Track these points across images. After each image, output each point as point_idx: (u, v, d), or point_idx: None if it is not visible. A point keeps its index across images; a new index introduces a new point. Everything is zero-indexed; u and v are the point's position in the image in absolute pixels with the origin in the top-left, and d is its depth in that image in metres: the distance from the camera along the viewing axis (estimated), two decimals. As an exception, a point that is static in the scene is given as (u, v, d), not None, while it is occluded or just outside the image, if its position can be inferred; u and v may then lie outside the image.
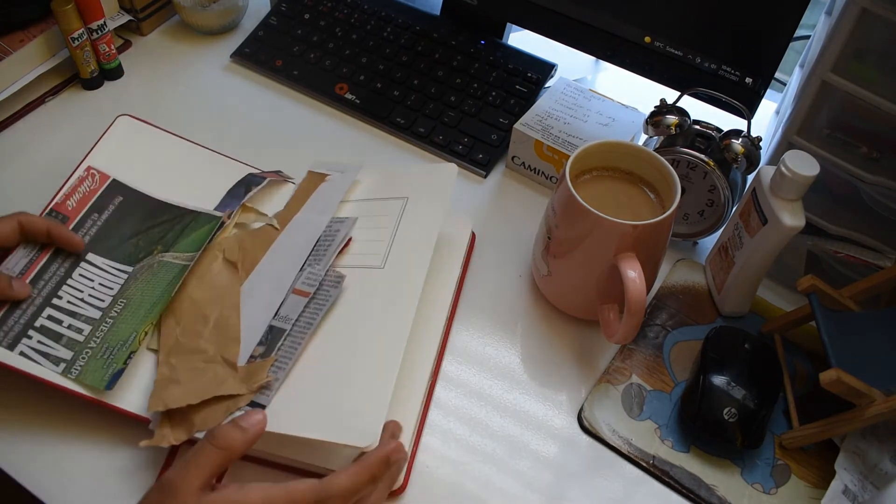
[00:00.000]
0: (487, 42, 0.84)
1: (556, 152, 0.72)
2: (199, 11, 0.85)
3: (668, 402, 0.60)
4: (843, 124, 0.59)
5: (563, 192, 0.58)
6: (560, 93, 0.77)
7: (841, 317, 0.58)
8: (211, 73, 0.83)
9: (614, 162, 0.62)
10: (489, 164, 0.76)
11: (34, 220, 0.58)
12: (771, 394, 0.58)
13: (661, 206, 0.60)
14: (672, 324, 0.65)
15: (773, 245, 0.59)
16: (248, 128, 0.78)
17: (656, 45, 0.72)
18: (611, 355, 0.63)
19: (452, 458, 0.57)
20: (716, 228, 0.68)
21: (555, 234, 0.60)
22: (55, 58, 0.78)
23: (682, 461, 0.57)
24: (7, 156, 0.74)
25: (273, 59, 0.83)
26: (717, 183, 0.65)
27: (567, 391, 0.61)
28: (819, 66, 0.56)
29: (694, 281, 0.69)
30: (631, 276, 0.54)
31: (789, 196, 0.58)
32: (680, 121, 0.65)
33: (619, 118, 0.75)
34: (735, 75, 0.70)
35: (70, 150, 0.72)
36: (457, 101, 0.79)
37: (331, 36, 0.85)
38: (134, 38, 0.86)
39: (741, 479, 0.57)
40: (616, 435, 0.58)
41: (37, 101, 0.78)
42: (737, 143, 0.63)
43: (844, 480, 0.55)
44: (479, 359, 0.63)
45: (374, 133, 0.79)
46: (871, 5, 0.52)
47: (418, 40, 0.84)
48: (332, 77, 0.82)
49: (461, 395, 0.60)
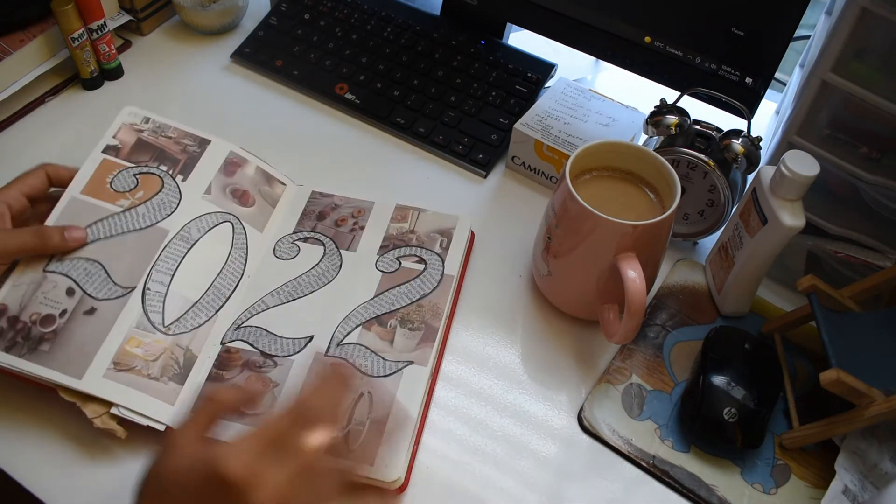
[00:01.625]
0: (487, 42, 0.84)
1: (556, 152, 0.72)
2: (199, 11, 0.85)
3: (668, 402, 0.60)
4: (843, 124, 0.59)
5: (563, 192, 0.58)
6: (560, 93, 0.77)
7: (841, 317, 0.58)
8: (211, 73, 0.83)
9: (614, 162, 0.62)
10: (489, 164, 0.76)
11: (59, 170, 0.61)
12: (771, 394, 0.58)
13: (661, 206, 0.60)
14: (672, 324, 0.65)
15: (773, 245, 0.59)
16: (248, 128, 0.78)
17: (656, 45, 0.72)
18: (611, 355, 0.63)
19: (452, 458, 0.57)
20: (716, 228, 0.68)
21: (555, 234, 0.60)
22: (55, 58, 0.78)
23: (682, 461, 0.57)
24: (7, 156, 0.74)
25: (273, 59, 0.83)
26: (717, 183, 0.65)
27: (567, 391, 0.61)
28: (819, 66, 0.56)
29: (694, 281, 0.69)
30: (631, 276, 0.54)
31: (789, 196, 0.58)
32: (680, 121, 0.65)
33: (619, 118, 0.75)
34: (735, 75, 0.70)
35: (70, 150, 0.72)
36: (457, 101, 0.79)
37: (331, 36, 0.85)
38: (134, 38, 0.86)
39: (741, 479, 0.57)
40: (616, 435, 0.58)
41: (37, 101, 0.78)
42: (737, 143, 0.63)
43: (844, 480, 0.55)
44: (479, 359, 0.63)
45: (374, 133, 0.79)
46: (871, 5, 0.52)
47: (418, 40, 0.84)
48: (332, 77, 0.82)
49: (461, 395, 0.60)
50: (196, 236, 0.62)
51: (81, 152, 0.67)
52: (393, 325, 0.59)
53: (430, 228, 0.66)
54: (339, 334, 0.59)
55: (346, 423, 0.53)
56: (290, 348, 0.58)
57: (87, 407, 0.53)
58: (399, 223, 0.66)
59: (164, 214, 0.62)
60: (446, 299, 0.61)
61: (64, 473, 0.54)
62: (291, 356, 0.58)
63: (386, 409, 0.54)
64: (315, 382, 0.47)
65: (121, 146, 0.65)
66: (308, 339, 0.59)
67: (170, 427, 0.52)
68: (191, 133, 0.67)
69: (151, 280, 0.59)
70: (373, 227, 0.66)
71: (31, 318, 0.55)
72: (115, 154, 0.64)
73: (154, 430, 0.54)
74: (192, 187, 0.64)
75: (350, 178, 0.74)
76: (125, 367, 0.55)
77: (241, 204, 0.65)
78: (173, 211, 0.62)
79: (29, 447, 0.55)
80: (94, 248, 0.59)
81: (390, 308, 0.61)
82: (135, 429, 0.54)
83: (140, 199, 0.62)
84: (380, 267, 0.63)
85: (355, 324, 0.60)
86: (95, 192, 0.62)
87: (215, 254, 0.62)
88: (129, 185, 0.63)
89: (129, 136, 0.66)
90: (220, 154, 0.67)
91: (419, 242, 0.65)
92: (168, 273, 0.59)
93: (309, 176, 0.71)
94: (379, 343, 0.59)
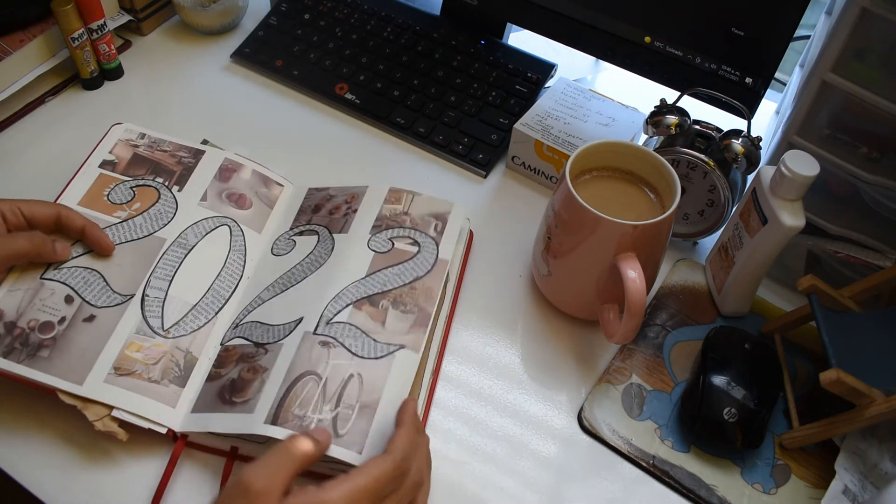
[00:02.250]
0: (487, 42, 0.84)
1: (556, 152, 0.72)
2: (199, 11, 0.85)
3: (668, 402, 0.60)
4: (843, 124, 0.59)
5: (563, 192, 0.58)
6: (560, 93, 0.77)
7: (841, 317, 0.58)
8: (211, 73, 0.83)
9: (614, 162, 0.62)
10: (489, 164, 0.76)
11: (72, 216, 0.59)
12: (771, 394, 0.58)
13: (661, 206, 0.60)
14: (672, 324, 0.65)
15: (773, 245, 0.59)
16: (248, 128, 0.78)
17: (656, 45, 0.72)
18: (611, 355, 0.63)
19: (452, 458, 0.57)
20: (716, 228, 0.68)
21: (555, 234, 0.60)
22: (55, 58, 0.78)
23: (682, 461, 0.57)
24: (7, 156, 0.73)
25: (273, 59, 0.83)
26: (717, 183, 0.65)
27: (567, 391, 0.61)
28: (819, 66, 0.56)
29: (694, 281, 0.69)
30: (631, 276, 0.54)
31: (789, 196, 0.58)
32: (680, 121, 0.65)
33: (619, 118, 0.75)
34: (735, 75, 0.70)
35: (70, 150, 0.72)
36: (457, 101, 0.79)
37: (331, 36, 0.85)
38: (134, 38, 0.86)
39: (741, 479, 0.57)
40: (616, 435, 0.58)
41: (37, 101, 0.78)
42: (737, 143, 0.63)
43: (844, 480, 0.55)
44: (479, 359, 0.63)
45: (374, 133, 0.79)
46: (871, 5, 0.52)
47: (418, 40, 0.84)
48: (332, 77, 0.82)
49: (461, 395, 0.60)
50: (193, 241, 0.62)
51: (81, 152, 0.67)
52: (385, 306, 0.58)
53: (425, 212, 0.65)
54: (329, 313, 0.58)
55: (335, 406, 0.52)
56: (281, 333, 0.58)
57: (89, 410, 0.53)
58: (393, 205, 0.65)
59: (161, 224, 0.62)
60: (440, 284, 0.60)
61: (64, 476, 0.54)
62: (281, 340, 0.57)
63: (376, 395, 0.53)
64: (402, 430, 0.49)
65: (117, 161, 0.66)
66: (298, 320, 0.58)
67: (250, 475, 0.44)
68: (185, 146, 0.68)
69: (150, 287, 0.59)
70: (366, 209, 0.65)
71: (30, 325, 0.55)
72: (112, 169, 0.65)
73: (155, 433, 0.54)
74: (187, 196, 0.65)
75: (350, 178, 0.74)
76: (126, 371, 0.55)
77: (238, 207, 0.65)
78: (170, 220, 0.63)
79: (30, 450, 0.55)
80: (91, 258, 0.59)
81: (382, 288, 0.59)
82: (136, 431, 0.54)
83: (137, 210, 0.63)
84: (372, 246, 0.62)
85: (346, 302, 0.58)
86: (92, 204, 0.63)
87: (213, 257, 0.62)
88: (126, 198, 0.64)
89: (125, 151, 0.67)
90: (214, 162, 0.68)
91: (413, 224, 0.64)
92: (166, 279, 0.60)
93: (309, 176, 0.71)
94: (370, 324, 0.57)
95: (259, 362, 0.56)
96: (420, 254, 0.62)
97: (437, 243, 0.63)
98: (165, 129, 0.70)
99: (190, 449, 0.55)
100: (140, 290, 0.58)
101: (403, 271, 0.61)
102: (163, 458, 0.55)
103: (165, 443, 0.55)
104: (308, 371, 0.54)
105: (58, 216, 0.59)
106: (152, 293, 0.59)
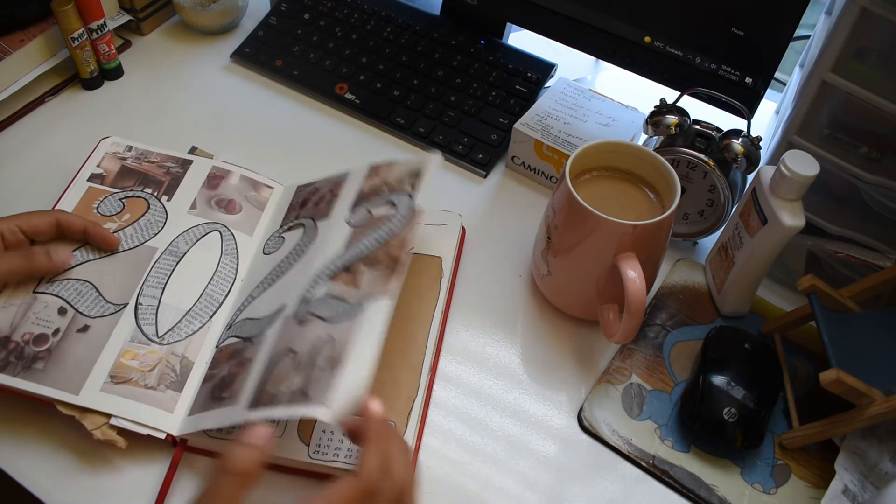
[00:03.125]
0: (487, 42, 0.84)
1: (555, 152, 0.72)
2: (199, 11, 0.85)
3: (668, 402, 0.60)
4: (843, 124, 0.59)
5: (563, 192, 0.58)
6: (560, 93, 0.77)
7: (841, 317, 0.58)
8: (211, 73, 0.83)
9: (614, 162, 0.62)
10: (489, 164, 0.76)
11: (71, 219, 0.60)
12: (771, 394, 0.58)
13: (661, 206, 0.60)
14: (672, 324, 0.65)
15: (773, 245, 0.59)
16: (248, 128, 0.78)
17: (656, 45, 0.72)
18: (611, 355, 0.63)
19: (452, 458, 0.57)
20: (716, 228, 0.68)
21: (555, 234, 0.60)
22: (55, 58, 0.78)
23: (682, 461, 0.57)
24: (7, 156, 0.73)
25: (273, 59, 0.83)
26: (717, 183, 0.65)
27: (567, 391, 0.61)
28: (819, 66, 0.56)
29: (694, 281, 0.69)
30: (631, 276, 0.54)
31: (789, 196, 0.58)
32: (680, 121, 0.65)
33: (619, 118, 0.75)
34: (735, 75, 0.70)
35: (70, 150, 0.72)
36: (457, 101, 0.79)
37: (331, 36, 0.85)
38: (134, 38, 0.86)
39: (741, 479, 0.57)
40: (616, 435, 0.58)
41: (37, 101, 0.78)
42: (737, 143, 0.63)
43: (844, 480, 0.55)
44: (478, 359, 0.63)
45: (374, 133, 0.79)
46: (871, 5, 0.52)
47: (418, 40, 0.84)
48: (332, 77, 0.82)
49: (461, 395, 0.60)
50: (184, 249, 0.62)
51: (81, 152, 0.67)
52: (360, 270, 0.56)
53: (400, 174, 0.63)
54: (309, 294, 0.56)
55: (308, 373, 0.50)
56: (265, 325, 0.57)
57: (87, 419, 0.53)
58: (372, 179, 0.64)
59: (151, 234, 0.63)
60: (412, 230, 0.57)
61: (66, 482, 0.54)
62: (266, 331, 0.57)
63: (347, 347, 0.50)
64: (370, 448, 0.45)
65: (105, 174, 0.66)
66: (280, 308, 0.57)
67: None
68: (173, 156, 0.69)
69: (143, 295, 0.59)
70: (347, 191, 0.64)
71: (24, 338, 0.55)
72: (101, 182, 0.66)
73: (155, 439, 0.54)
74: (177, 205, 0.65)
75: (350, 178, 0.74)
76: (122, 379, 0.55)
77: (228, 212, 0.66)
78: (160, 229, 0.63)
79: (30, 460, 0.55)
80: (84, 270, 0.60)
81: (359, 255, 0.57)
82: (135, 438, 0.54)
83: (127, 221, 0.63)
84: (351, 222, 0.61)
85: (324, 279, 0.57)
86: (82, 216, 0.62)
87: (205, 262, 0.62)
88: (116, 209, 0.64)
89: (113, 164, 0.67)
90: (202, 171, 0.68)
91: (391, 189, 0.62)
92: (159, 287, 0.60)
93: (309, 176, 0.71)
94: (345, 289, 0.55)
95: (245, 355, 0.56)
96: (397, 212, 0.59)
97: (410, 195, 0.60)
98: (165, 129, 0.70)
99: (191, 454, 0.55)
100: (133, 299, 0.59)
101: (380, 233, 0.58)
102: (163, 463, 0.55)
103: (165, 448, 0.55)
104: (284, 350, 0.53)
105: (57, 222, 0.59)
106: (145, 301, 0.59)
